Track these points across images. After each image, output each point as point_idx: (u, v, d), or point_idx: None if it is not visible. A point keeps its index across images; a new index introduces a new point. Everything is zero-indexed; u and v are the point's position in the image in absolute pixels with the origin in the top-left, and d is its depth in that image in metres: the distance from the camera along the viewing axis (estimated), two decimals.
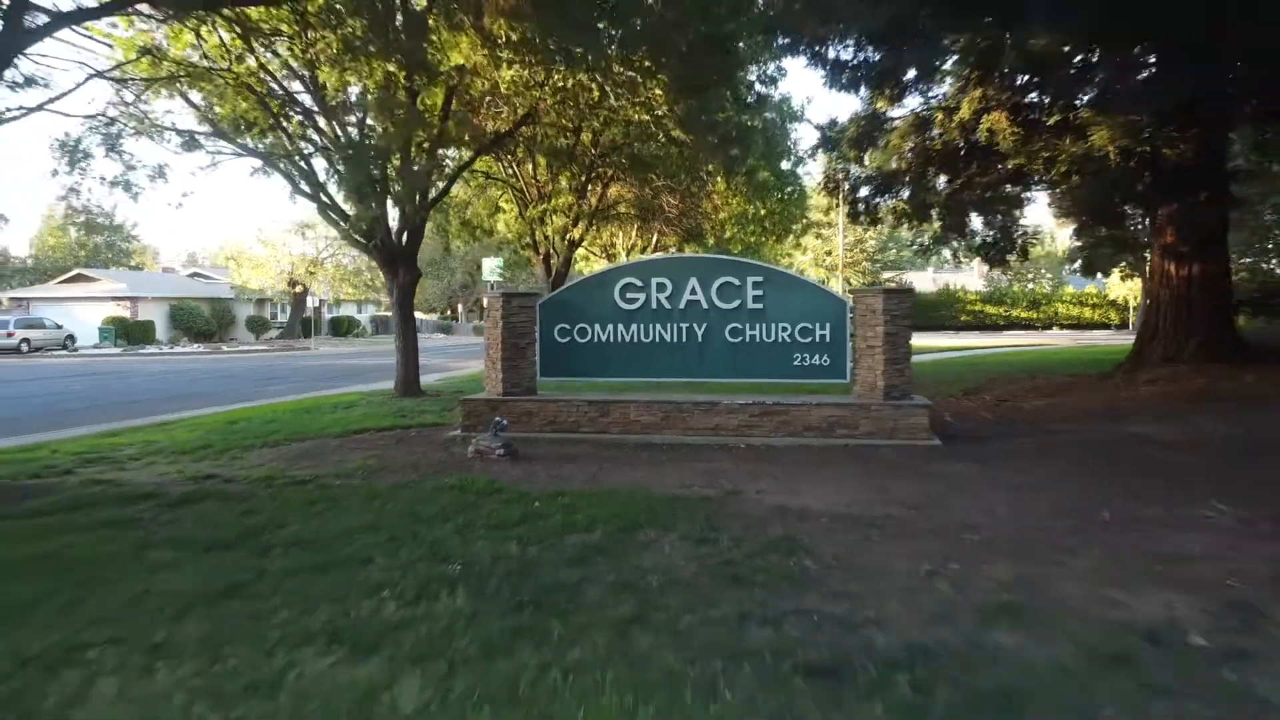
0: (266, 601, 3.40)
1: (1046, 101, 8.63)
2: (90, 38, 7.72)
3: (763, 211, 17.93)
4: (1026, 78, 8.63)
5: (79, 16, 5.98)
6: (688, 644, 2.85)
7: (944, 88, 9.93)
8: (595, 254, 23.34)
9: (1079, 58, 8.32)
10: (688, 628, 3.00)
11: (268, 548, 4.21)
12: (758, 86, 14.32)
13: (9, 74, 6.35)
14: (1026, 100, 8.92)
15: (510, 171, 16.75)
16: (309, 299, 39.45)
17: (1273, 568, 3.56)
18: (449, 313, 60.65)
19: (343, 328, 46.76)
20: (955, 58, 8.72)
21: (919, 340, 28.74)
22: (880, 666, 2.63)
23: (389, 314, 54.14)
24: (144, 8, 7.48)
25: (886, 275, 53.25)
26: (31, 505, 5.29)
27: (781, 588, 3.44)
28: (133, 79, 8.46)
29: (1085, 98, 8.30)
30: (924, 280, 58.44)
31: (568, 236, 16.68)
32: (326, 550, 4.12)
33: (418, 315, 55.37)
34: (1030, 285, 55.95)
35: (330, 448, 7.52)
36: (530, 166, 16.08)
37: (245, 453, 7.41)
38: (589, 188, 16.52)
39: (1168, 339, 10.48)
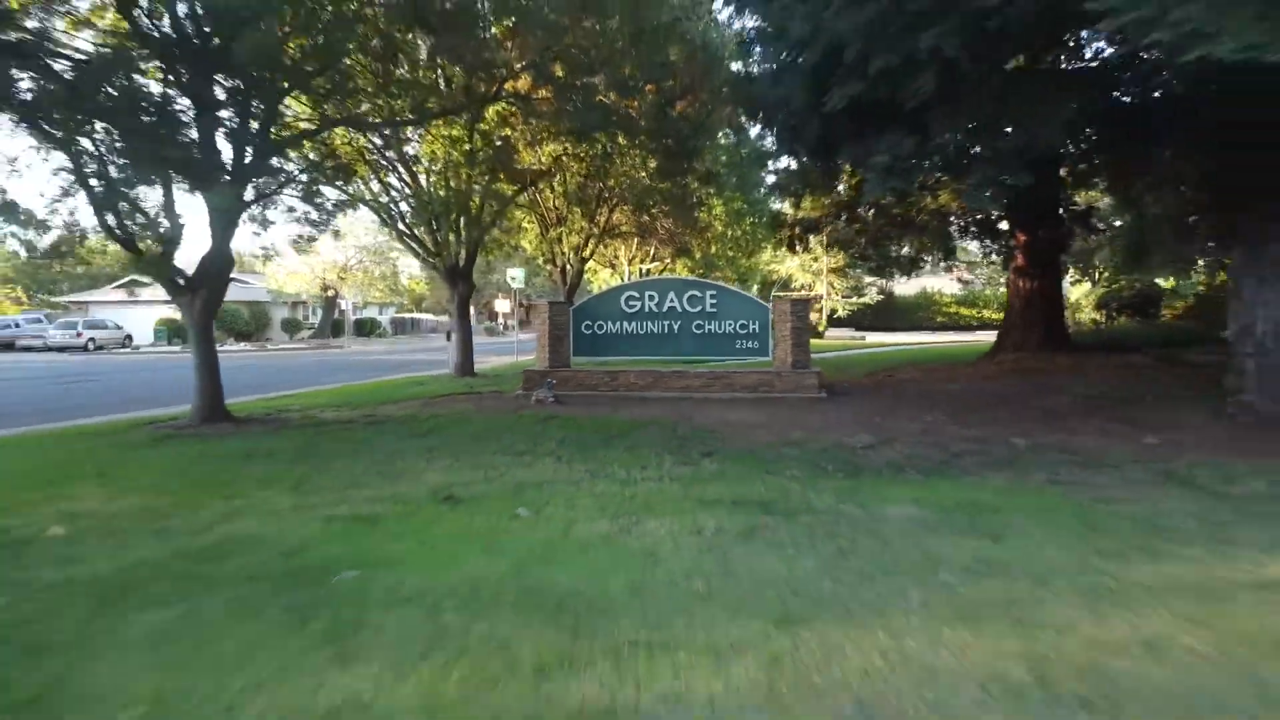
0: (461, 447, 7.44)
1: None
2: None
3: (738, 233, 22.07)
4: None
5: (311, 134, 10.02)
6: (657, 449, 6.91)
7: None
8: (602, 264, 27.48)
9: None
10: (657, 447, 7.06)
11: (446, 435, 8.26)
12: (733, 135, 18.39)
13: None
14: None
15: (533, 199, 20.78)
16: (339, 302, 43.62)
17: (923, 428, 7.62)
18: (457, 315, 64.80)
19: (366, 328, 50.87)
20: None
21: (884, 338, 32.07)
22: (726, 451, 6.69)
23: (405, 316, 58.56)
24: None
25: (869, 279, 57.15)
26: (293, 424, 9.35)
27: (700, 440, 7.49)
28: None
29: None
30: (904, 284, 62.38)
31: (580, 253, 20.73)
32: (476, 436, 8.16)
33: (427, 317, 59.61)
34: (1001, 289, 59.68)
35: (436, 402, 11.55)
36: (550, 197, 20.12)
37: (379, 406, 11.41)
38: (597, 212, 20.56)
39: (1018, 334, 14.54)
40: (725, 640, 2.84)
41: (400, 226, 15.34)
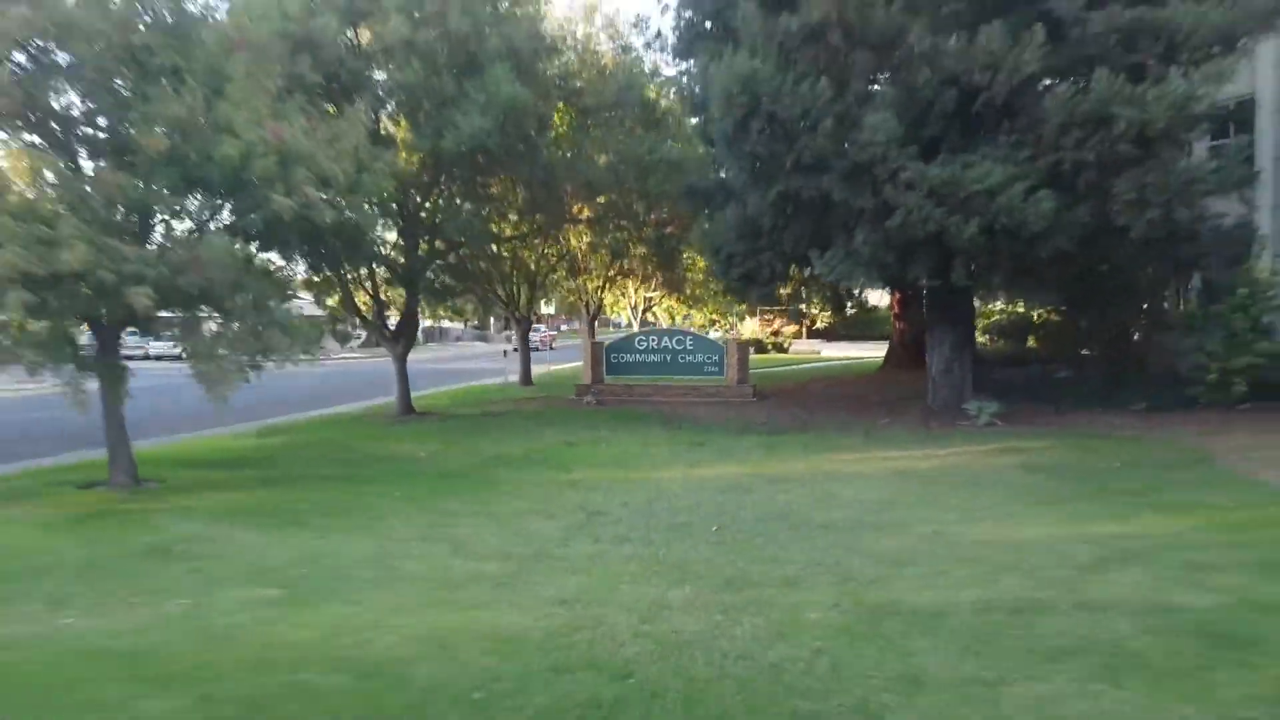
0: (556, 424, 14.84)
1: None
2: None
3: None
4: None
5: (457, 248, 17.44)
6: (656, 425, 14.33)
7: None
8: (615, 298, 35.05)
9: None
10: (656, 424, 14.48)
11: (542, 419, 15.67)
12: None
13: None
14: None
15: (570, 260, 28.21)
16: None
17: (791, 415, 15.03)
18: (475, 323, 72.02)
19: None
20: None
21: (838, 350, 39.47)
22: (691, 425, 14.12)
23: (434, 326, 65.93)
24: None
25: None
26: (450, 416, 16.78)
27: (679, 421, 14.88)
28: None
29: None
30: (883, 300, 69.81)
31: (599, 292, 28.21)
32: (562, 418, 15.58)
33: (448, 325, 66.64)
34: None
35: (520, 403, 18.91)
36: (578, 253, 27.55)
37: (486, 405, 18.79)
38: (612, 265, 27.99)
39: (897, 356, 21.93)
40: (670, 467, 10.24)
41: (482, 282, 22.74)
